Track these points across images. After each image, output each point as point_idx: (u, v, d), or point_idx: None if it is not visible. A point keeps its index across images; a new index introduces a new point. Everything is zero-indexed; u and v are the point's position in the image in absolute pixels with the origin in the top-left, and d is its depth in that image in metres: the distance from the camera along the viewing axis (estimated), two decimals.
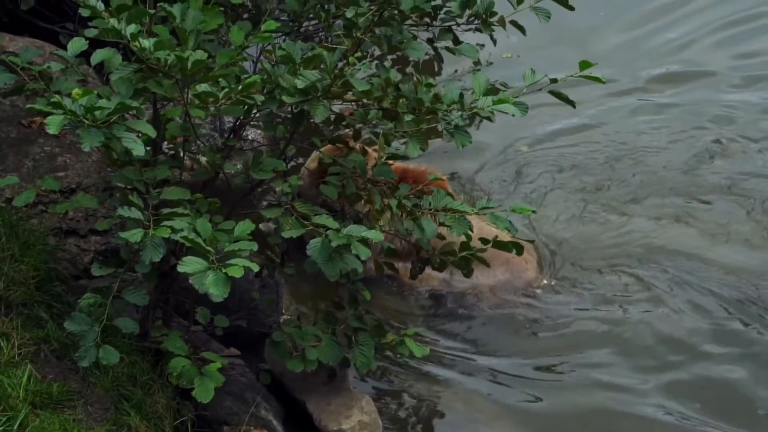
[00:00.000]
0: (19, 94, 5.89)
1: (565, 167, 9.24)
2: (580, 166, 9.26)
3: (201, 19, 4.98)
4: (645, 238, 8.45)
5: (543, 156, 9.38)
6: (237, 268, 4.49)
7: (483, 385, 7.09)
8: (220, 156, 5.66)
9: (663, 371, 7.25)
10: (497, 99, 5.20)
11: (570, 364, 7.30)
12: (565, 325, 7.62)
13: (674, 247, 8.34)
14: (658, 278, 8.00)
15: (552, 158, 9.35)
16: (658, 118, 9.90)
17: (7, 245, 5.92)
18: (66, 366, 5.43)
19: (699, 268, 8.11)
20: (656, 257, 8.22)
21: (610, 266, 8.13)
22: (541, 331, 7.59)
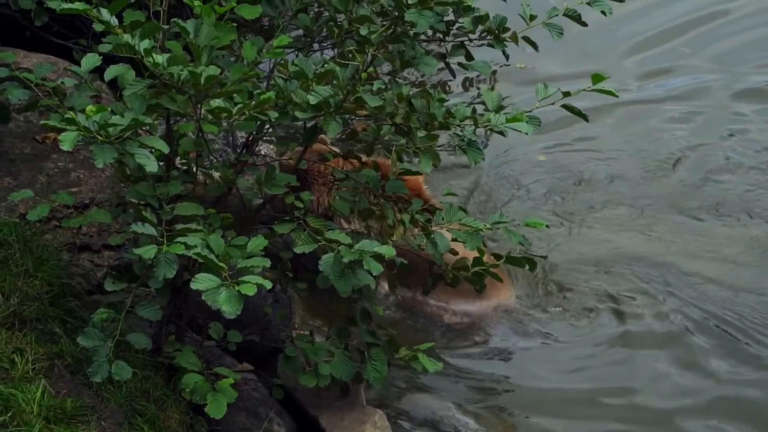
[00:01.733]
0: (33, 110, 5.93)
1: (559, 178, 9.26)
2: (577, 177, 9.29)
3: (214, 35, 5.00)
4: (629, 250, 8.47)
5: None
6: (250, 285, 4.49)
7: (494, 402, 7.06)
8: (233, 171, 5.67)
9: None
10: (510, 116, 5.21)
11: (574, 382, 7.28)
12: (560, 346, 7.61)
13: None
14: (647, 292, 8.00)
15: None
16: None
17: (20, 260, 5.93)
18: (79, 381, 5.43)
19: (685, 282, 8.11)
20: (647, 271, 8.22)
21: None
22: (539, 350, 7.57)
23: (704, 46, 11.24)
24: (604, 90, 5.44)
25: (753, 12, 11.70)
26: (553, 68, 10.20)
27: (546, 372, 7.36)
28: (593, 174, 9.37)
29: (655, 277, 8.10)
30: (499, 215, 5.68)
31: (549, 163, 9.49)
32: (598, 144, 9.73)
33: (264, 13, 5.64)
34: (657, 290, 7.96)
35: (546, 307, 7.80)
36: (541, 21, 5.91)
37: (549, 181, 9.28)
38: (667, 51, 11.20)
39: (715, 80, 10.73)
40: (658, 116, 10.20)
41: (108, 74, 5.12)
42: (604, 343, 7.57)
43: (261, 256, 4.83)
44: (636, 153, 9.63)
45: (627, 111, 10.16)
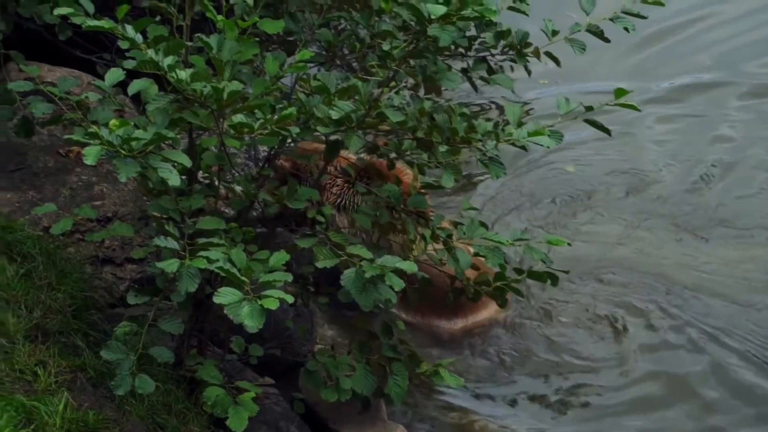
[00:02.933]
0: (57, 123, 5.95)
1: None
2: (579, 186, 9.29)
3: (237, 50, 5.01)
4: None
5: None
6: (272, 300, 4.50)
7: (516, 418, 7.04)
8: (255, 185, 5.68)
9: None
10: (532, 130, 5.21)
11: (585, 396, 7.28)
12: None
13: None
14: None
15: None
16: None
17: (44, 273, 5.96)
18: (102, 394, 5.44)
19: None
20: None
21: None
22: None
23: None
24: (627, 104, 5.44)
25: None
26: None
27: (565, 384, 7.33)
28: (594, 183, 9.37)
29: (661, 291, 8.06)
30: (521, 232, 5.68)
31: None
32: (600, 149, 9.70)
33: (286, 28, 5.65)
34: (664, 305, 7.92)
35: (551, 320, 7.79)
36: (564, 36, 5.90)
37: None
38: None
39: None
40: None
41: (131, 88, 5.13)
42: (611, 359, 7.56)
43: (283, 271, 4.84)
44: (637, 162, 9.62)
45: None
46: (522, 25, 6.06)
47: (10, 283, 5.80)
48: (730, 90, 10.60)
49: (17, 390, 5.15)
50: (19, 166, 6.88)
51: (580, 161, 9.56)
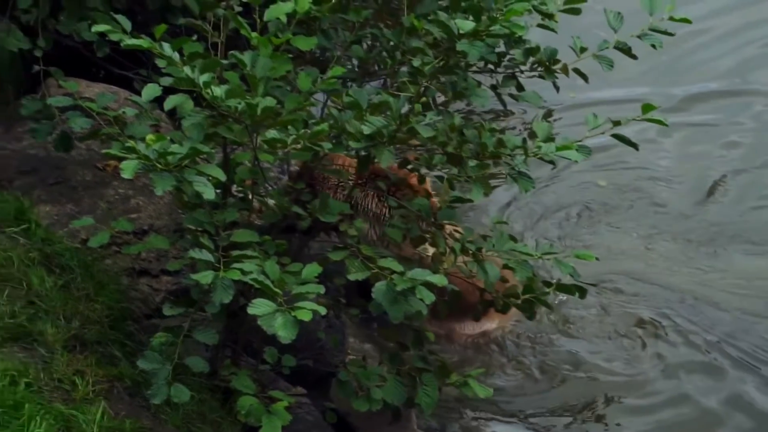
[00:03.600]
0: (95, 138, 6.01)
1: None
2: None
3: (270, 66, 5.04)
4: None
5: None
6: (305, 311, 4.53)
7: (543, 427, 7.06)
8: (288, 199, 5.71)
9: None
10: (560, 145, 5.23)
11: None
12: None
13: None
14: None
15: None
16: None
17: (82, 285, 6.01)
18: (138, 403, 5.47)
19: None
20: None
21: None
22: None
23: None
24: (654, 119, 5.44)
25: None
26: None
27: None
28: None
29: (675, 304, 8.05)
30: (549, 245, 5.70)
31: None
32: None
33: (319, 45, 5.68)
34: (678, 318, 7.90)
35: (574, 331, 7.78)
36: (592, 53, 5.91)
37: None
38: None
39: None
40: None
41: (167, 104, 5.18)
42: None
43: (315, 283, 4.87)
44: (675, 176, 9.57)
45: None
46: (551, 42, 6.06)
47: (49, 294, 5.85)
48: (743, 100, 10.54)
49: (56, 399, 5.19)
50: (58, 179, 6.92)
51: (596, 171, 9.54)
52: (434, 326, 7.15)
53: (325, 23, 5.93)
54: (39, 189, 6.83)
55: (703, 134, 10.15)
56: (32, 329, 5.56)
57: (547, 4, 5.74)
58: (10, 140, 7.15)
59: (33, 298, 5.80)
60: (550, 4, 5.75)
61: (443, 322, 7.33)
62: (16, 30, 7.00)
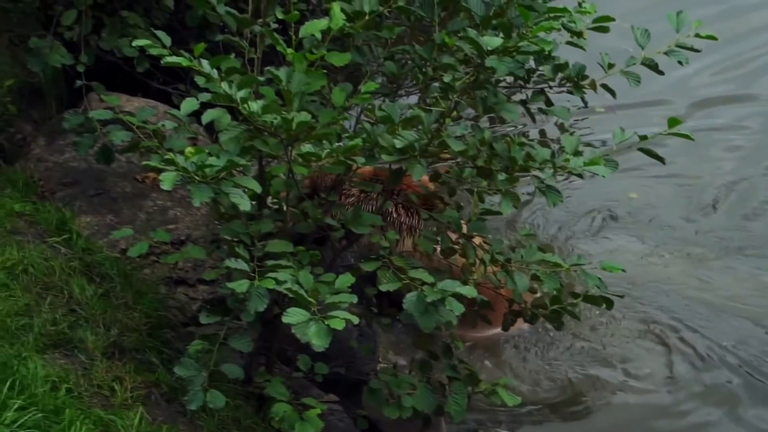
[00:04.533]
0: (134, 151, 6.05)
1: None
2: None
3: (305, 81, 5.07)
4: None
5: None
6: (339, 320, 4.55)
7: None
8: (321, 211, 5.73)
9: None
10: (588, 160, 5.23)
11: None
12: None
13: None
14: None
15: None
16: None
17: (121, 293, 6.05)
18: (175, 409, 5.50)
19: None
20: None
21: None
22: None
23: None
24: (680, 134, 5.43)
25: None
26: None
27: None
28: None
29: (689, 314, 8.02)
30: (577, 257, 5.70)
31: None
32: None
33: (353, 61, 5.70)
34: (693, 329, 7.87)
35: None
36: (619, 69, 5.91)
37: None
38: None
39: None
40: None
41: (205, 118, 5.20)
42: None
43: (348, 293, 4.89)
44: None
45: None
46: (578, 59, 6.06)
47: (90, 302, 5.90)
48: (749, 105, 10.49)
49: (95, 404, 5.22)
50: (99, 191, 6.97)
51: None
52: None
53: (359, 40, 5.94)
54: (80, 200, 6.89)
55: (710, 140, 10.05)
56: (73, 336, 5.61)
57: (576, 23, 5.74)
58: (52, 153, 7.20)
59: (74, 306, 5.86)
60: (579, 23, 5.75)
61: None
62: (59, 46, 7.06)
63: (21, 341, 5.37)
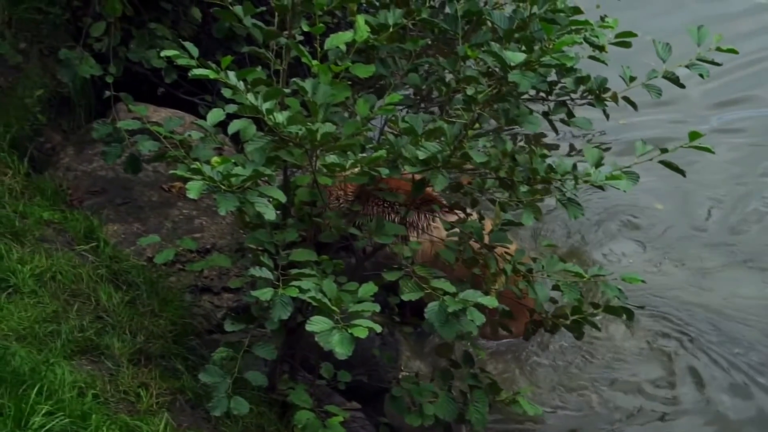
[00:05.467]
0: (161, 160, 6.07)
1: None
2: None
3: (330, 93, 5.07)
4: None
5: None
6: (362, 329, 4.55)
7: None
8: (345, 220, 5.73)
9: None
10: (610, 174, 5.22)
11: None
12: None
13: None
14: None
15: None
16: None
17: (147, 301, 6.06)
18: (199, 415, 5.50)
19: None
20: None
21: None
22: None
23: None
24: (701, 147, 5.41)
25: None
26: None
27: None
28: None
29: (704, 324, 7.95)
30: (598, 268, 5.68)
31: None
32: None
33: (377, 72, 5.70)
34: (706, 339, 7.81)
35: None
36: (641, 82, 5.89)
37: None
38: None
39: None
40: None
41: (231, 128, 5.21)
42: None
43: (371, 301, 4.89)
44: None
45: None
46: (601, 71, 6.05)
47: (116, 309, 5.92)
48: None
49: (121, 410, 5.23)
50: (126, 200, 7.00)
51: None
52: None
53: (383, 52, 5.95)
54: (108, 209, 6.91)
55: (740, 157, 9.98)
56: (100, 343, 5.62)
57: (598, 37, 5.73)
58: (81, 162, 7.23)
59: (101, 313, 5.88)
60: (601, 37, 5.74)
61: None
62: (88, 57, 7.10)
63: (49, 347, 5.39)
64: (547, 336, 7.33)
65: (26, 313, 5.56)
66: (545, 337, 7.47)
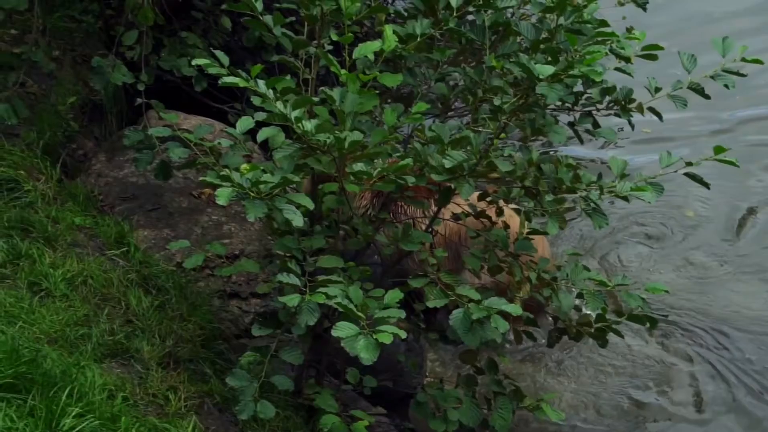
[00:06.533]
0: (192, 167, 6.09)
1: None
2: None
3: (358, 102, 5.08)
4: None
5: None
6: (386, 335, 4.55)
7: None
8: (372, 228, 5.74)
9: None
10: (635, 185, 5.21)
11: None
12: None
13: None
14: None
15: None
16: None
17: (176, 305, 6.09)
18: (227, 419, 5.52)
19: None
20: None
21: None
22: None
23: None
24: (726, 160, 5.39)
25: None
26: None
27: None
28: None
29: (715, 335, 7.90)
30: (622, 277, 5.67)
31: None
32: None
33: (404, 82, 5.71)
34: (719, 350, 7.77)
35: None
36: (666, 93, 5.88)
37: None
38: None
39: None
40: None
41: (260, 136, 5.23)
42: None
43: (396, 308, 4.89)
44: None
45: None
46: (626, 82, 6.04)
47: (146, 313, 5.95)
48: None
49: (150, 412, 5.26)
50: (156, 206, 7.03)
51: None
52: None
53: (411, 61, 5.95)
54: (138, 214, 6.95)
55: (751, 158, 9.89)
56: (129, 346, 5.65)
57: (624, 48, 5.72)
58: (113, 168, 7.27)
59: (131, 317, 5.91)
60: (628, 49, 5.73)
61: None
62: (121, 65, 7.14)
63: (80, 350, 5.42)
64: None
65: (58, 317, 5.59)
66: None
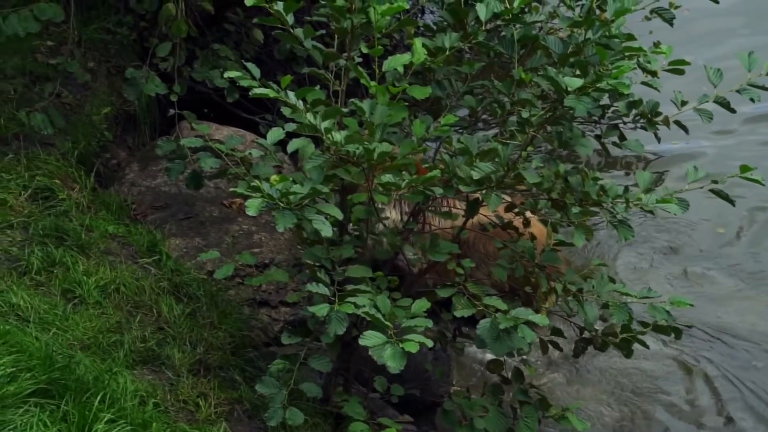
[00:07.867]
0: (223, 177, 6.12)
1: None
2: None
3: (387, 114, 5.09)
4: None
5: None
6: (413, 343, 4.56)
7: None
8: (400, 238, 5.74)
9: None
10: (661, 198, 5.19)
11: None
12: None
13: None
14: None
15: None
16: None
17: (207, 313, 6.11)
18: (256, 425, 5.53)
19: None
20: None
21: None
22: None
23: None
24: (751, 178, 5.36)
25: None
26: None
27: None
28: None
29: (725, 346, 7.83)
30: (648, 290, 5.65)
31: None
32: None
33: (433, 94, 5.72)
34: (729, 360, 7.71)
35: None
36: (692, 107, 5.86)
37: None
38: None
39: None
40: None
41: (290, 147, 5.25)
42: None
43: (424, 317, 4.89)
44: None
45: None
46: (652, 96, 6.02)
47: (177, 321, 5.98)
48: None
49: (181, 419, 5.28)
50: (188, 215, 7.06)
51: None
52: None
53: (440, 74, 5.96)
54: (170, 223, 6.98)
55: None
56: (161, 353, 5.68)
57: (651, 63, 5.71)
58: (145, 178, 7.32)
59: (162, 325, 5.94)
60: (654, 63, 5.72)
61: None
62: (154, 76, 7.18)
63: (112, 357, 5.45)
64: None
65: (91, 324, 5.63)
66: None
